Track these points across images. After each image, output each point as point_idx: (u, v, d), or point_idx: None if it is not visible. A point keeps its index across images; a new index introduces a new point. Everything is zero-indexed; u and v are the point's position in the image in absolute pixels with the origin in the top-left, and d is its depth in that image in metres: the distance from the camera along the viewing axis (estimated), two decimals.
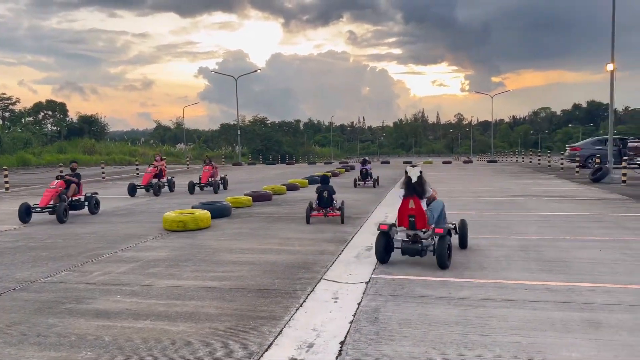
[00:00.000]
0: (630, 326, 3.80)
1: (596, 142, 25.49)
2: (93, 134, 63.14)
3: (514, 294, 4.64)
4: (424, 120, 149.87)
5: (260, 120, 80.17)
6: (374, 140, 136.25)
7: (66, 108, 70.72)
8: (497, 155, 62.45)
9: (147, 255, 6.63)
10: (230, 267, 5.90)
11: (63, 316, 4.27)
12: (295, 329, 3.90)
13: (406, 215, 5.99)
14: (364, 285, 5.04)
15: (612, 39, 17.93)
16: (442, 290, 4.81)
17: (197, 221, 8.50)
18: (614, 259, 5.90)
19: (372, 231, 8.05)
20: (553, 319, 3.98)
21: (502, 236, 7.43)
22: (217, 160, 47.13)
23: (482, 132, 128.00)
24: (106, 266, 6.04)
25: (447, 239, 5.70)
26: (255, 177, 23.27)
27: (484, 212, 9.94)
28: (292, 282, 5.18)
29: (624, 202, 11.36)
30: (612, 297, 4.48)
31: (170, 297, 4.76)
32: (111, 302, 4.64)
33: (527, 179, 18.74)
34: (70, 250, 7.02)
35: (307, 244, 7.15)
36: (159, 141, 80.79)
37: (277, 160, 53.18)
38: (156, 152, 32.11)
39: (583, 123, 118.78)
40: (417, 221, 5.93)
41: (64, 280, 5.43)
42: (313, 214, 9.35)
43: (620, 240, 6.98)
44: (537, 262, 5.81)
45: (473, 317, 4.05)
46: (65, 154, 42.90)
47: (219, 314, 4.24)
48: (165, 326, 3.99)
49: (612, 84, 18.42)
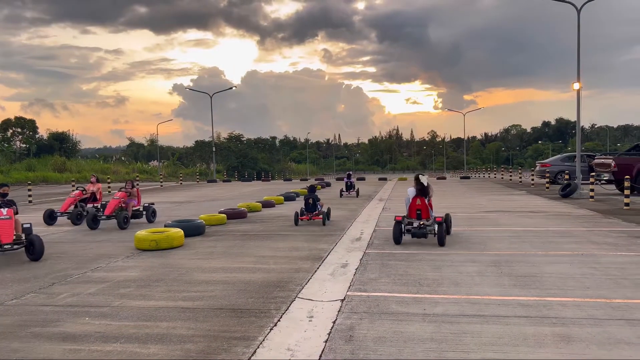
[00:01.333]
0: (600, 340, 3.86)
1: (565, 159, 26.13)
2: (64, 152, 61.85)
3: (487, 310, 4.68)
4: (398, 137, 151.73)
5: (236, 137, 79.79)
6: (350, 156, 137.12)
7: (36, 125, 69.43)
8: (470, 171, 63.46)
9: (117, 275, 6.48)
10: (203, 286, 5.81)
11: (28, 340, 4.12)
12: (270, 349, 3.84)
13: (415, 209, 8.33)
14: (339, 303, 5.01)
15: (578, 58, 18.56)
16: (416, 306, 4.82)
17: (169, 240, 8.36)
18: (583, 274, 6.02)
19: (347, 248, 8.05)
20: (525, 334, 4.02)
21: (475, 252, 7.51)
22: (191, 177, 46.62)
23: (455, 148, 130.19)
24: (75, 287, 5.87)
25: (443, 225, 8.05)
26: (230, 194, 23.09)
27: (457, 227, 10.04)
28: (267, 301, 5.12)
29: (593, 217, 11.64)
30: (582, 311, 4.56)
31: (141, 318, 4.65)
32: (79, 324, 4.51)
33: (499, 195, 19.07)
34: (37, 271, 6.81)
35: (282, 262, 7.10)
36: (133, 158, 79.69)
37: (253, 177, 52.91)
38: (92, 172, 25.21)
39: (552, 140, 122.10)
40: (422, 213, 8.26)
41: (30, 303, 5.25)
42: (302, 217, 11.05)
43: (589, 255, 7.14)
44: (509, 278, 5.88)
45: (447, 333, 4.07)
46: (34, 171, 41.83)
47: (191, 335, 4.16)
48: (136, 349, 3.88)
49: (578, 102, 19.00)
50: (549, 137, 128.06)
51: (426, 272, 6.24)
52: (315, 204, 11.25)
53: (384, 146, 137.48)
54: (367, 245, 8.28)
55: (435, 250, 7.64)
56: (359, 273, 6.27)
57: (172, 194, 24.25)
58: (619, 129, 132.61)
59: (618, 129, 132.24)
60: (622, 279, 5.74)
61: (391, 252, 7.67)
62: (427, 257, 7.14)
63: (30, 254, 7.50)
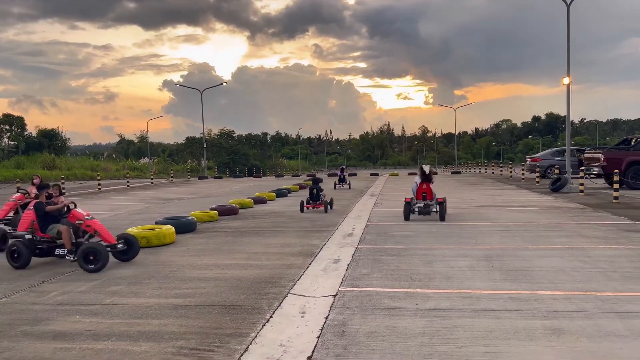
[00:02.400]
0: (590, 332, 3.90)
1: (555, 153, 26.32)
2: (53, 149, 61.36)
3: (479, 304, 4.70)
4: (389, 133, 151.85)
5: (227, 134, 79.44)
6: (341, 152, 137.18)
7: (24, 122, 68.69)
8: (461, 166, 63.73)
9: (108, 273, 6.43)
10: (195, 283, 5.78)
11: (18, 339, 4.08)
12: (262, 345, 3.84)
13: (421, 192, 10.58)
14: (332, 298, 5.02)
15: (568, 53, 18.65)
16: (408, 301, 4.83)
17: (160, 237, 8.32)
18: (574, 267, 6.07)
19: (339, 244, 8.06)
20: (517, 327, 4.04)
21: (466, 246, 7.54)
22: (182, 174, 46.29)
23: (446, 144, 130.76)
24: (65, 285, 5.82)
25: (444, 204, 10.22)
26: (222, 190, 23.02)
27: (449, 222, 10.09)
28: (259, 298, 5.11)
29: (582, 210, 11.73)
30: (572, 305, 4.60)
31: (132, 316, 4.62)
32: (70, 322, 4.47)
33: (489, 190, 19.17)
34: (27, 269, 6.74)
35: (274, 258, 7.09)
36: (123, 155, 79.16)
37: (245, 173, 52.77)
38: (35, 173, 20.71)
39: (542, 134, 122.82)
40: (427, 195, 10.54)
41: (19, 302, 5.20)
42: (307, 205, 12.41)
43: (579, 248, 7.19)
44: (500, 272, 5.92)
45: (439, 327, 4.08)
46: (23, 169, 41.41)
47: (183, 332, 4.14)
48: (127, 346, 3.86)
49: (568, 97, 19.12)
50: (539, 132, 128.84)
51: (418, 267, 6.26)
52: (319, 194, 12.52)
53: (375, 142, 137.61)
54: (359, 240, 8.29)
55: (427, 245, 7.67)
56: (351, 268, 6.27)
57: (163, 190, 24.14)
58: (608, 123, 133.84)
59: (607, 123, 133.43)
60: (612, 272, 5.80)
61: (383, 247, 7.68)
62: (418, 252, 7.16)
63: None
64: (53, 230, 6.97)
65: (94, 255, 6.38)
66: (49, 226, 7.03)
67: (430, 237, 8.39)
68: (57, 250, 6.95)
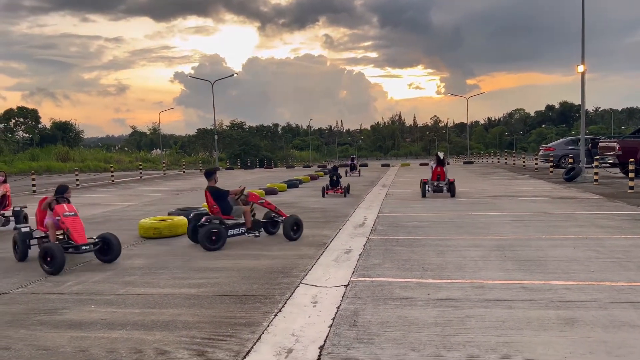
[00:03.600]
0: (604, 323, 3.87)
1: (569, 142, 26.00)
2: (67, 141, 61.99)
3: (491, 294, 4.68)
4: (401, 123, 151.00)
5: (238, 125, 79.63)
6: (352, 143, 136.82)
7: (38, 115, 69.45)
8: (473, 156, 63.28)
9: (122, 263, 6.50)
10: (208, 273, 5.83)
11: (35, 328, 4.16)
12: (274, 334, 3.86)
13: (436, 174, 13.02)
14: (343, 288, 5.03)
15: (582, 41, 18.35)
16: (420, 291, 4.82)
17: (173, 228, 8.38)
18: (588, 257, 6.01)
19: (351, 234, 8.06)
20: (529, 317, 4.02)
21: (479, 236, 7.50)
22: (194, 166, 46.55)
23: (458, 134, 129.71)
24: (80, 275, 5.90)
25: (454, 184, 12.79)
26: (233, 182, 23.09)
27: (461, 212, 10.04)
28: (271, 287, 5.14)
29: (597, 200, 11.60)
30: (586, 295, 4.56)
31: (146, 305, 4.68)
32: (85, 312, 4.53)
33: (502, 180, 19.02)
34: None
35: (286, 248, 7.12)
36: (135, 147, 79.76)
37: (256, 164, 52.89)
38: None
39: (556, 124, 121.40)
40: (441, 177, 12.99)
41: (36, 291, 5.29)
42: (327, 190, 14.09)
43: (593, 238, 7.12)
44: (513, 262, 5.88)
45: (451, 317, 4.07)
46: (38, 161, 41.94)
47: (197, 322, 4.18)
48: (141, 335, 3.91)
49: (582, 85, 18.83)
50: (553, 121, 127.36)
51: (430, 257, 6.25)
52: (338, 180, 14.42)
53: (386, 132, 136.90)
54: (371, 231, 8.28)
55: (439, 235, 7.64)
56: (362, 259, 6.28)
57: (175, 182, 24.30)
58: (623, 111, 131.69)
59: (622, 111, 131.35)
60: (627, 262, 5.73)
61: (395, 237, 7.67)
62: (430, 243, 7.14)
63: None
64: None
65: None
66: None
67: (442, 228, 8.36)
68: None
